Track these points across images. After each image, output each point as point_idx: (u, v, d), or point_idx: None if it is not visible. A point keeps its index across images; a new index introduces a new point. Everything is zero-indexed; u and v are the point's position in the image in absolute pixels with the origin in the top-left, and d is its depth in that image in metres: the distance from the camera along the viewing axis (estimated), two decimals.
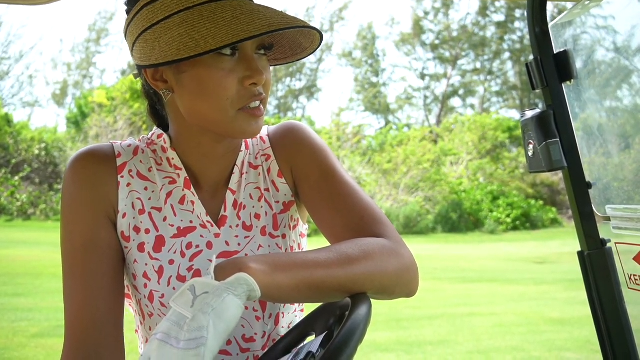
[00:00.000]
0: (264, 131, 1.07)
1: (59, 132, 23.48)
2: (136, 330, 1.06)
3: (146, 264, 0.95)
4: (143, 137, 1.04)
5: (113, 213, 0.96)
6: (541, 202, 19.86)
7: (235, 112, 0.89)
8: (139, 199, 0.97)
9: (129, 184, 0.97)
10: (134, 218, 0.97)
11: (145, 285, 0.95)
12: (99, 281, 0.91)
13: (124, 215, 0.96)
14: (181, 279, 0.95)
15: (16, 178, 18.89)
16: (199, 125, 0.93)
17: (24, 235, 14.87)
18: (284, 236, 1.02)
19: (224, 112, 0.88)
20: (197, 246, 0.97)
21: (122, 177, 0.97)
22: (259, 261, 0.76)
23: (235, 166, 1.02)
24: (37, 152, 20.10)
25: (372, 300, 0.83)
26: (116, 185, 0.96)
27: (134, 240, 0.96)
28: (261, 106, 0.91)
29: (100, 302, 0.90)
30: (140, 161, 1.00)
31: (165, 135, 1.01)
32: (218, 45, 0.81)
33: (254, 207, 1.02)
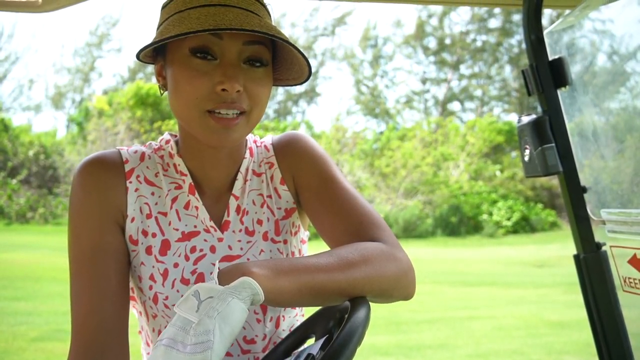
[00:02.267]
0: (268, 140, 1.09)
1: (58, 136, 23.46)
2: (139, 332, 1.08)
3: (152, 267, 0.98)
4: (150, 143, 1.07)
5: (121, 218, 0.98)
6: (541, 206, 19.84)
7: (202, 112, 0.90)
8: (146, 203, 1.00)
9: (137, 189, 1.00)
10: (141, 222, 0.99)
11: (151, 287, 0.97)
12: (106, 285, 0.93)
13: (133, 220, 0.99)
14: (185, 281, 0.97)
15: (14, 181, 18.83)
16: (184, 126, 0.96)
17: (23, 238, 14.84)
18: (285, 242, 1.05)
19: (192, 110, 0.90)
20: (201, 250, 0.99)
21: (130, 182, 0.99)
22: (262, 266, 0.77)
23: (239, 173, 1.04)
24: (34, 155, 20.03)
25: (371, 303, 0.85)
26: (125, 191, 0.99)
27: (142, 243, 0.99)
28: (238, 118, 0.90)
29: (107, 305, 0.92)
30: (147, 167, 1.02)
31: (172, 142, 1.04)
32: (165, 36, 0.86)
33: (256, 212, 1.04)
